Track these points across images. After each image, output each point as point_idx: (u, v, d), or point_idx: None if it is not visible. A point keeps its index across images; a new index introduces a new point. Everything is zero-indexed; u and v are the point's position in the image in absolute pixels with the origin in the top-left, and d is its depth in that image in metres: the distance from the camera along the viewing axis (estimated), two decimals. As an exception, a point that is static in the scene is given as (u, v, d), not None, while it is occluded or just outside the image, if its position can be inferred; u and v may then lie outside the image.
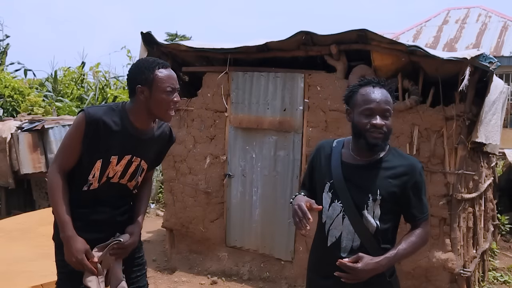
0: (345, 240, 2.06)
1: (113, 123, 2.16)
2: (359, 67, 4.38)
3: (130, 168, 2.29)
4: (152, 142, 2.32)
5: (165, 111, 2.17)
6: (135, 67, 2.20)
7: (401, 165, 2.05)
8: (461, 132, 4.01)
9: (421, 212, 2.07)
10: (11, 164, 6.86)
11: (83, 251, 2.11)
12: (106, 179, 2.25)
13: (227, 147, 5.13)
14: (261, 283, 4.89)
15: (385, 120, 1.98)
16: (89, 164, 2.18)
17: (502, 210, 6.93)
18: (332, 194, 2.10)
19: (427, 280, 4.17)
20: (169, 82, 2.15)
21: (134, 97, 2.19)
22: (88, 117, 2.12)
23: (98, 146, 2.16)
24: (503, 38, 13.38)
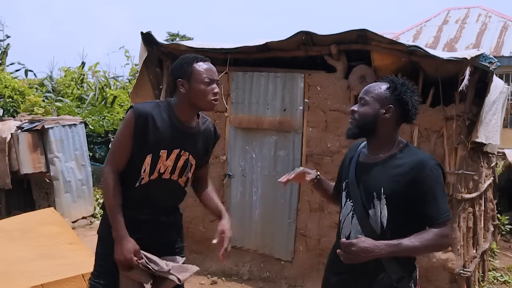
0: (353, 238, 2.01)
1: (160, 117, 2.26)
2: (359, 67, 4.38)
3: (179, 162, 2.34)
4: (198, 137, 2.40)
5: (205, 101, 2.26)
6: (176, 63, 2.32)
7: (409, 161, 1.97)
8: (461, 132, 4.01)
9: (437, 213, 1.92)
10: (10, 164, 6.85)
11: (133, 251, 2.20)
12: (157, 175, 2.30)
13: (227, 147, 5.13)
14: (261, 283, 4.89)
15: (359, 108, 2.06)
16: (140, 159, 2.26)
17: (502, 210, 6.93)
18: (346, 193, 2.13)
19: (427, 280, 4.17)
20: (207, 73, 2.25)
21: (176, 91, 2.29)
22: (137, 113, 2.22)
23: (148, 141, 2.24)
24: (503, 38, 13.38)
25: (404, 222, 1.97)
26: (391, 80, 2.05)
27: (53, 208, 5.76)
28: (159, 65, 5.45)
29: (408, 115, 2.04)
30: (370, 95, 2.04)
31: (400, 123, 2.08)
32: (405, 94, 2.01)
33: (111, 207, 2.24)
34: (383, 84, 2.06)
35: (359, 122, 2.04)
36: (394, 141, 2.06)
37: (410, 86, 2.06)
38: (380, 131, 2.04)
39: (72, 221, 7.09)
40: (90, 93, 12.79)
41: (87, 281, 3.28)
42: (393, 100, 2.01)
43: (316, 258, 4.58)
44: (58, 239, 4.24)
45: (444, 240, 1.93)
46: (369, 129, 2.04)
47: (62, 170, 7.12)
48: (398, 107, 2.02)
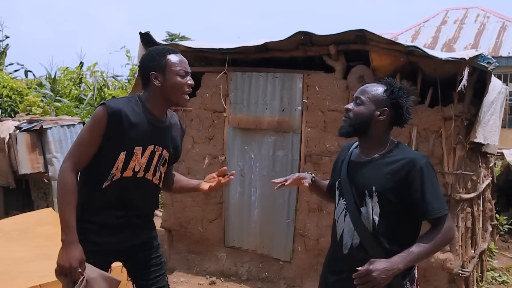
0: (346, 237, 2.06)
1: (133, 113, 2.16)
2: (358, 67, 4.38)
3: (154, 159, 2.27)
4: (169, 130, 2.34)
5: (180, 94, 2.21)
6: (147, 55, 2.24)
7: (400, 159, 1.99)
8: (459, 133, 4.01)
9: (433, 209, 1.94)
10: (11, 164, 6.84)
11: (79, 260, 2.06)
12: (132, 173, 2.21)
13: (226, 147, 5.13)
14: (260, 283, 4.89)
15: (354, 106, 2.08)
16: (112, 157, 2.15)
17: (500, 210, 6.94)
18: (339, 192, 2.15)
19: (425, 280, 4.17)
20: (181, 66, 2.21)
21: (149, 85, 2.22)
22: (109, 110, 2.09)
23: (121, 138, 2.14)
24: (501, 39, 13.40)
25: (396, 219, 1.99)
26: (389, 83, 2.07)
27: (51, 208, 5.76)
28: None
29: (401, 119, 2.08)
30: (367, 96, 2.06)
31: (393, 125, 2.11)
32: (401, 99, 2.04)
33: (65, 207, 2.08)
34: (380, 86, 2.08)
35: (353, 121, 2.07)
36: (386, 141, 2.09)
37: (407, 91, 2.09)
38: (373, 132, 2.07)
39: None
40: (89, 93, 12.79)
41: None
42: (389, 103, 2.04)
43: (315, 258, 4.58)
44: (56, 240, 4.21)
45: (450, 232, 1.96)
46: (362, 129, 2.06)
47: (60, 168, 7.09)
48: (392, 111, 2.05)
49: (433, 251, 1.96)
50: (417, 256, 1.89)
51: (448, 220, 1.96)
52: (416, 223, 2.05)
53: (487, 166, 5.74)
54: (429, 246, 1.90)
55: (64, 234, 2.08)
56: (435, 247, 1.94)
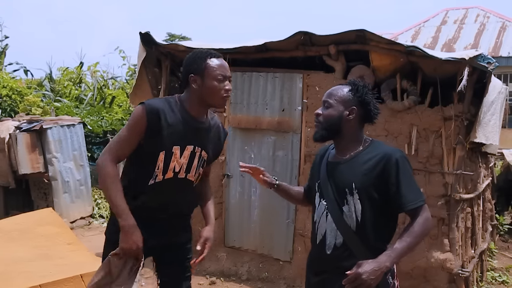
0: (329, 237, 2.09)
1: (171, 113, 2.21)
2: (358, 67, 4.38)
3: (194, 160, 2.30)
4: (209, 132, 2.36)
5: (217, 98, 2.23)
6: (188, 58, 2.27)
7: (376, 155, 2.05)
8: (459, 133, 4.01)
9: (408, 200, 1.99)
10: (10, 164, 6.85)
11: (142, 241, 2.14)
12: (172, 174, 2.25)
13: (226, 147, 5.13)
14: (260, 283, 4.89)
15: (323, 110, 2.13)
16: (153, 156, 2.20)
17: (500, 210, 6.95)
18: (319, 193, 2.18)
19: (425, 280, 4.18)
20: (220, 70, 2.22)
21: (187, 87, 2.25)
22: (148, 109, 2.15)
23: (160, 138, 2.18)
24: (501, 39, 13.40)
25: (377, 215, 2.04)
26: (353, 83, 2.15)
27: (51, 208, 5.76)
28: (158, 65, 5.45)
29: (370, 115, 2.14)
30: (334, 98, 2.12)
31: (364, 123, 2.17)
32: (366, 96, 2.11)
33: (115, 195, 2.13)
34: (345, 87, 2.15)
35: (324, 124, 2.12)
36: (360, 139, 2.14)
37: (370, 88, 2.16)
38: (345, 132, 2.12)
39: (70, 221, 7.08)
40: (89, 93, 12.79)
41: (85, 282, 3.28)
42: (356, 102, 2.11)
43: (315, 258, 4.57)
44: (56, 240, 4.24)
45: (428, 223, 2.01)
46: (334, 130, 2.12)
47: (61, 171, 7.11)
48: (360, 108, 2.11)
49: (415, 244, 2.00)
50: (401, 252, 1.93)
51: (425, 211, 2.01)
52: (395, 217, 2.12)
53: (487, 166, 5.75)
54: (411, 240, 1.94)
55: (122, 220, 2.12)
56: (416, 240, 1.98)
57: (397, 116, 4.23)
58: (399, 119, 4.22)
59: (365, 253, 1.99)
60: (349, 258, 2.00)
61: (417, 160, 4.15)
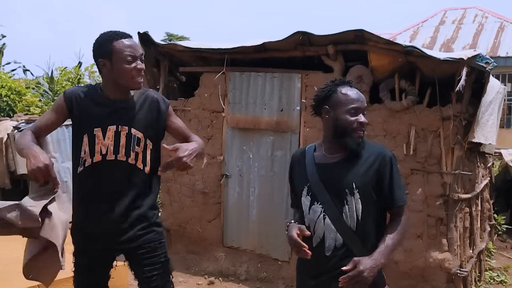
0: (328, 239, 2.08)
1: (88, 97, 2.24)
2: (356, 67, 4.38)
3: (121, 140, 2.23)
4: (137, 109, 2.28)
5: (129, 80, 2.19)
6: (95, 42, 2.23)
7: (370, 155, 2.08)
8: (457, 133, 4.02)
9: (397, 198, 2.07)
10: (7, 165, 6.83)
11: (48, 159, 2.04)
12: (100, 157, 2.20)
13: (224, 147, 5.13)
14: (258, 283, 4.89)
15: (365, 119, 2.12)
16: (78, 142, 2.23)
17: (498, 210, 6.95)
18: (310, 197, 2.13)
19: (424, 280, 4.18)
20: (128, 51, 2.16)
21: (101, 72, 2.25)
22: (65, 94, 2.24)
23: (80, 121, 2.23)
24: (500, 39, 13.42)
25: (376, 214, 2.09)
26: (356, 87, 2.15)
27: (50, 208, 5.74)
28: (156, 65, 5.45)
29: None
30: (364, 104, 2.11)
31: None
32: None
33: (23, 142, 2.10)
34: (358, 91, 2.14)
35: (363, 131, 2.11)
36: None
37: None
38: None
39: (69, 221, 7.05)
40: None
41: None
42: None
43: (313, 258, 4.57)
44: (55, 240, 4.22)
45: (409, 222, 2.12)
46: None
47: (59, 171, 7.08)
48: None
49: (401, 241, 2.10)
50: (392, 248, 2.02)
51: (407, 211, 2.11)
52: (383, 211, 2.15)
53: (485, 166, 5.75)
54: (399, 237, 2.04)
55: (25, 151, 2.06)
56: (402, 237, 2.09)
57: (396, 116, 4.23)
58: (398, 119, 4.22)
59: (365, 252, 2.01)
60: (349, 258, 2.00)
61: (415, 160, 4.16)
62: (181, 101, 5.29)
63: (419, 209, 4.11)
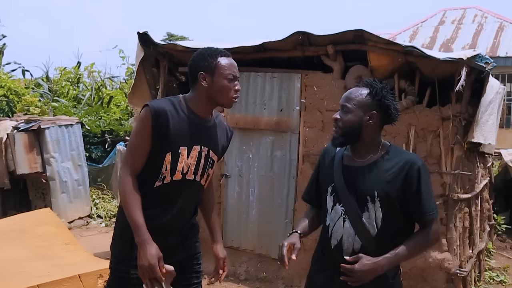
0: (346, 242, 2.04)
1: (176, 113, 2.15)
2: (356, 68, 4.38)
3: (201, 160, 2.24)
4: (215, 131, 2.31)
5: (227, 98, 2.18)
6: (198, 55, 2.21)
7: (398, 162, 2.00)
8: (457, 133, 4.02)
9: (424, 210, 1.97)
10: (7, 165, 6.83)
11: (157, 257, 2.03)
12: (181, 176, 2.19)
13: (224, 147, 5.12)
14: (258, 283, 4.89)
15: (342, 115, 2.04)
16: (159, 158, 2.14)
17: (498, 210, 6.95)
18: (334, 197, 2.10)
19: (423, 280, 4.18)
20: (231, 70, 2.18)
21: (196, 85, 2.18)
22: (153, 110, 2.09)
23: (166, 139, 2.12)
24: (499, 39, 13.42)
25: (398, 223, 2.01)
26: (371, 85, 2.04)
27: (49, 208, 5.75)
28: (156, 65, 5.44)
29: (390, 117, 2.06)
30: (352, 103, 2.02)
31: (383, 125, 2.10)
32: (386, 99, 2.02)
33: (132, 210, 2.07)
34: (363, 90, 2.04)
35: (344, 130, 2.04)
36: (378, 143, 2.08)
37: (389, 89, 2.07)
38: (365, 137, 2.05)
39: (68, 221, 7.07)
40: (87, 93, 12.77)
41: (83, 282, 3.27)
42: (375, 106, 2.01)
43: (313, 258, 4.57)
44: (54, 240, 4.23)
45: (436, 236, 2.02)
46: (354, 136, 2.04)
47: (59, 171, 7.09)
48: (380, 112, 2.03)
49: (417, 253, 2.03)
50: (401, 258, 1.97)
51: (437, 224, 2.00)
52: (412, 225, 2.07)
53: (484, 166, 5.76)
54: (415, 249, 1.98)
55: (136, 235, 2.06)
56: (420, 250, 2.01)
57: (395, 116, 4.23)
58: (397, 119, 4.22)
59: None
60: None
61: (415, 160, 4.15)
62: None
63: (418, 209, 4.10)
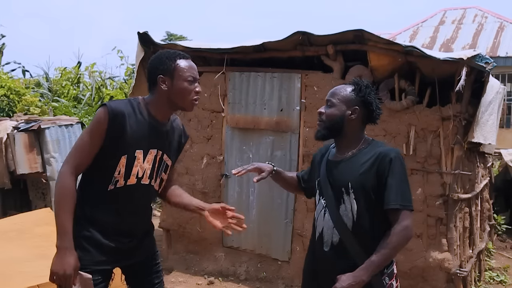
0: (326, 234, 2.12)
1: (134, 116, 2.11)
2: (356, 68, 4.38)
3: (156, 164, 2.21)
4: (171, 135, 2.28)
5: (187, 101, 2.15)
6: (156, 58, 2.17)
7: (373, 155, 2.06)
8: (457, 133, 4.02)
9: (390, 200, 1.99)
10: (7, 165, 6.83)
11: (74, 267, 1.98)
12: (135, 180, 2.15)
13: (224, 147, 5.13)
14: (258, 283, 4.89)
15: (326, 109, 2.16)
16: (113, 161, 2.08)
17: (498, 210, 6.95)
18: (319, 191, 2.21)
19: (423, 280, 4.18)
20: (190, 72, 2.14)
21: (155, 88, 2.15)
22: (111, 111, 2.03)
23: (122, 141, 2.07)
24: (499, 39, 13.43)
25: (373, 216, 2.05)
26: (356, 83, 2.16)
27: (49, 208, 5.75)
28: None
29: (372, 115, 2.15)
30: (337, 97, 2.14)
31: (366, 123, 2.19)
32: (369, 96, 2.12)
33: (62, 212, 2.00)
34: (348, 87, 2.17)
35: (327, 123, 2.15)
36: (360, 139, 2.17)
37: (373, 88, 2.17)
38: (347, 131, 2.14)
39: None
40: (87, 93, 12.78)
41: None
42: (358, 102, 2.13)
43: (313, 258, 4.58)
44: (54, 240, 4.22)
45: (407, 232, 2.00)
46: (336, 129, 2.14)
47: (59, 171, 7.08)
48: (363, 108, 2.13)
49: (392, 256, 2.02)
50: (378, 264, 1.97)
51: (406, 218, 1.99)
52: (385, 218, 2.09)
53: (485, 166, 5.76)
54: (388, 252, 1.97)
55: (59, 240, 2.01)
56: (393, 251, 2.00)
57: (395, 116, 4.23)
58: (397, 119, 4.22)
59: (361, 253, 2.02)
60: (345, 258, 2.04)
61: (415, 160, 4.16)
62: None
63: (419, 209, 4.11)
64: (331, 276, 2.03)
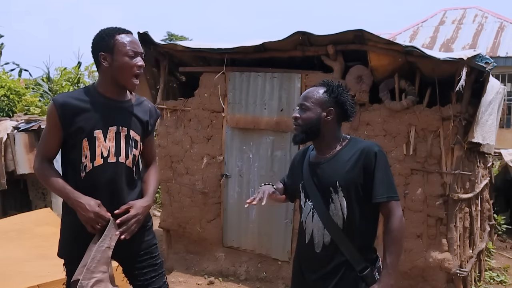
0: (317, 236, 2.14)
1: (79, 101, 2.17)
2: (356, 68, 4.38)
3: (121, 141, 2.23)
4: (133, 111, 2.28)
5: (128, 76, 2.17)
6: (97, 36, 2.20)
7: (356, 151, 2.09)
8: (457, 133, 4.01)
9: (379, 193, 2.03)
10: (6, 165, 6.83)
11: (97, 204, 2.11)
12: (102, 160, 2.18)
13: (224, 147, 5.13)
14: (258, 283, 4.89)
15: (301, 113, 2.16)
16: (77, 147, 2.17)
17: (498, 210, 6.95)
18: (304, 194, 2.22)
19: (423, 280, 4.18)
20: (130, 46, 2.17)
21: (100, 67, 2.20)
22: (57, 104, 2.14)
23: (77, 127, 2.15)
24: (499, 39, 13.42)
25: (363, 212, 2.09)
26: (327, 84, 2.18)
27: (49, 208, 5.76)
28: (156, 65, 5.45)
29: (347, 114, 2.18)
30: (310, 101, 2.15)
31: (341, 122, 2.22)
32: (342, 95, 2.15)
33: (55, 184, 2.17)
34: (320, 89, 2.18)
35: (304, 127, 2.16)
36: (338, 138, 2.19)
37: (345, 87, 2.20)
38: (324, 132, 2.16)
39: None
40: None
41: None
42: (332, 103, 2.15)
43: (313, 258, 4.58)
44: (54, 240, 4.21)
45: (402, 222, 2.06)
46: (314, 132, 2.16)
47: (58, 171, 7.08)
48: (337, 108, 2.15)
49: (402, 248, 2.09)
50: (394, 264, 2.02)
51: (397, 208, 2.05)
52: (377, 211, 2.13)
53: (485, 166, 5.75)
54: (397, 248, 2.03)
55: (68, 200, 2.15)
56: (401, 245, 2.06)
57: (395, 116, 4.23)
58: (397, 119, 4.22)
59: (353, 251, 2.06)
60: (338, 257, 2.07)
61: (415, 160, 4.16)
62: (181, 101, 5.29)
63: (419, 209, 4.11)
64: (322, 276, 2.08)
